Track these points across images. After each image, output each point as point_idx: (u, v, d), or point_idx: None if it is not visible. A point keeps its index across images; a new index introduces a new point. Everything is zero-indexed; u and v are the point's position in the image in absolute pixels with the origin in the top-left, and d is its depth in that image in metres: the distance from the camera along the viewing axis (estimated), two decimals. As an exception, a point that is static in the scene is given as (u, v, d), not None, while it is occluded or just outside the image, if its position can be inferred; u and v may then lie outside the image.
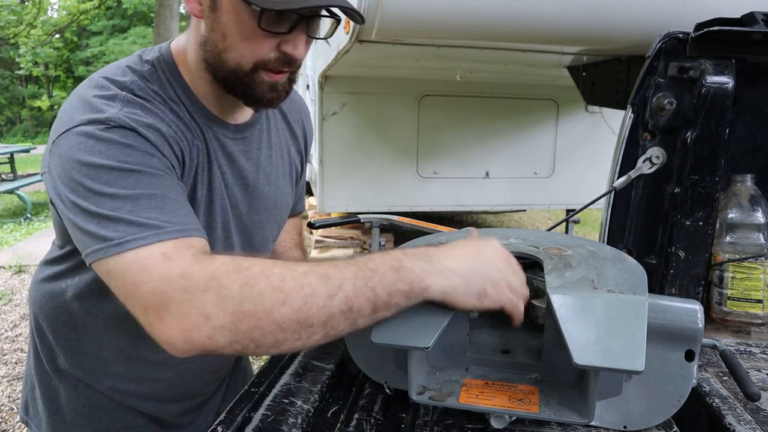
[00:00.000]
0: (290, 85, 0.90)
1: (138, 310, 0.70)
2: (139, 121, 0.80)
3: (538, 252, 0.87)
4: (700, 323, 0.73)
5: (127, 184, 0.75)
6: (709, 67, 1.10)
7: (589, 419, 0.69)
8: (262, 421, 0.75)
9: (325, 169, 3.54)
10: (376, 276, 0.68)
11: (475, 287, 0.72)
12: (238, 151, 0.98)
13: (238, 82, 0.85)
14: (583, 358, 0.63)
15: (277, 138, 1.09)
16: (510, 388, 0.76)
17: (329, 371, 0.90)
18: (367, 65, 2.95)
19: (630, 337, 0.65)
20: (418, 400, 0.75)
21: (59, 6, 19.76)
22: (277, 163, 1.08)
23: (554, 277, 0.77)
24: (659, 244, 1.18)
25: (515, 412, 0.72)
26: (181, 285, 0.67)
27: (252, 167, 1.01)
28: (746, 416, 0.79)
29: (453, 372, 0.80)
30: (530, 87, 3.63)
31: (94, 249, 0.73)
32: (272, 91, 0.86)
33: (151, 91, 0.86)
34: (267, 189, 1.05)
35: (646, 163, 1.16)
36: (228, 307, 0.65)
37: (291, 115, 1.15)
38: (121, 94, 0.82)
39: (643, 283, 0.75)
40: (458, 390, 0.76)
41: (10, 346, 3.61)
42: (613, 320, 0.68)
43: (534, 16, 1.64)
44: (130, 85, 0.84)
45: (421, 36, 1.84)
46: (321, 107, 3.43)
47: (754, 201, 1.15)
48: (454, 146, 3.73)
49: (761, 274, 1.12)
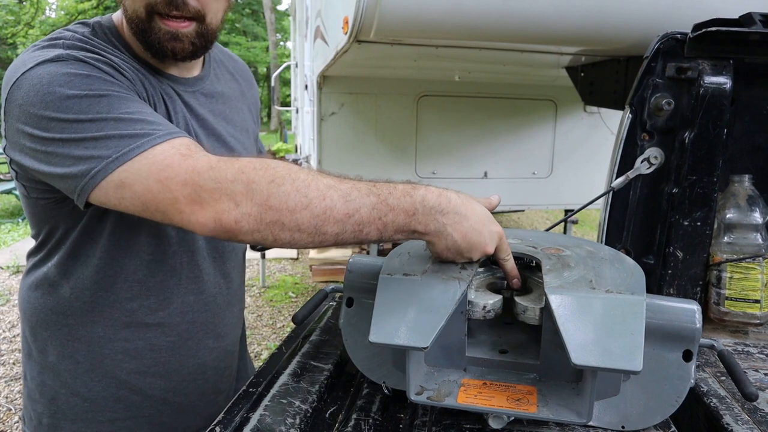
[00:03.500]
0: (201, 40, 0.91)
1: (165, 204, 0.73)
2: (88, 56, 0.82)
3: (536, 252, 0.87)
4: (698, 323, 0.73)
5: (101, 108, 0.76)
6: (707, 67, 1.10)
7: (587, 419, 0.69)
8: (260, 421, 0.75)
9: (324, 169, 3.53)
10: (390, 214, 0.74)
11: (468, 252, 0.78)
12: (195, 102, 1.00)
13: (140, 32, 0.88)
14: (581, 358, 0.64)
15: (229, 96, 1.11)
16: (508, 389, 0.76)
17: (327, 371, 0.90)
18: (365, 66, 2.95)
19: (628, 337, 0.65)
20: (416, 401, 0.75)
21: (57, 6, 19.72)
22: (232, 119, 1.09)
23: (552, 277, 0.76)
24: (657, 245, 1.18)
25: (513, 412, 0.72)
26: (211, 176, 0.72)
27: (211, 117, 1.02)
28: (744, 416, 0.79)
29: (451, 372, 0.80)
30: (529, 87, 3.64)
31: (92, 172, 0.74)
32: (174, 40, 0.88)
33: (94, 42, 0.88)
34: (229, 141, 1.06)
35: (644, 164, 1.16)
36: (256, 198, 0.70)
37: (239, 74, 1.18)
38: (60, 42, 0.85)
39: (641, 283, 0.75)
40: (456, 390, 0.76)
41: (8, 347, 3.61)
42: (611, 320, 0.68)
43: (532, 16, 1.64)
44: (69, 38, 0.87)
45: (420, 36, 1.84)
46: (319, 107, 3.43)
47: (752, 201, 1.15)
48: (452, 146, 3.73)
49: (759, 274, 1.12)
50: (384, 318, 0.73)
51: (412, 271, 0.79)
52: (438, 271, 0.79)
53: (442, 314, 0.71)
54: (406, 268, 0.80)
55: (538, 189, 3.96)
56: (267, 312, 4.30)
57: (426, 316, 0.71)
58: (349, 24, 1.72)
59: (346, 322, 0.87)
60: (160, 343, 1.03)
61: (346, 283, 0.87)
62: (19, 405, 2.95)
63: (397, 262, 0.83)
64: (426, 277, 0.78)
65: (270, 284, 4.94)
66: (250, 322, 4.09)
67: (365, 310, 0.83)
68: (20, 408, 2.93)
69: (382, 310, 0.74)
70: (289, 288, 4.80)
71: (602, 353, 0.64)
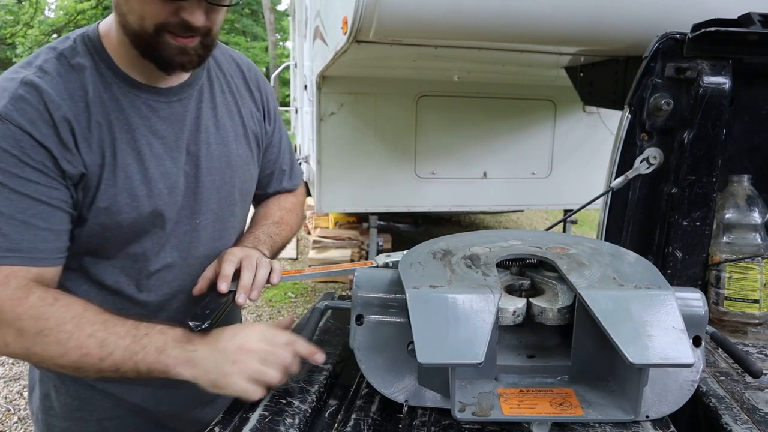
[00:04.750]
0: (205, 50, 0.91)
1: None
2: (28, 115, 0.83)
3: (543, 252, 0.86)
4: (704, 309, 0.76)
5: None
6: (706, 67, 1.10)
7: (635, 415, 0.70)
8: (259, 421, 0.75)
9: (323, 169, 3.53)
10: (141, 353, 0.82)
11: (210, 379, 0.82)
12: (176, 114, 0.98)
13: (145, 44, 0.87)
14: (638, 357, 0.64)
15: (224, 99, 1.08)
16: (546, 393, 0.75)
17: (327, 371, 0.90)
18: (364, 66, 2.95)
19: (672, 332, 0.66)
20: (461, 418, 0.72)
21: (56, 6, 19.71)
22: (224, 124, 1.06)
23: (577, 277, 0.76)
24: (656, 244, 1.18)
25: (563, 417, 0.71)
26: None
27: (193, 127, 1.01)
28: (743, 416, 0.79)
29: (483, 383, 0.77)
30: (528, 87, 3.64)
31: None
32: (182, 54, 0.88)
33: (62, 67, 0.89)
34: (215, 148, 1.04)
35: (643, 164, 1.16)
36: (23, 344, 0.83)
37: (242, 75, 1.14)
38: (20, 77, 0.86)
39: (659, 276, 0.76)
40: (497, 401, 0.74)
41: (6, 347, 3.60)
42: (650, 316, 0.68)
43: (531, 16, 1.64)
44: (36, 69, 0.88)
45: (419, 36, 1.84)
46: (319, 108, 3.43)
47: (751, 201, 1.15)
48: (451, 146, 3.73)
49: (758, 274, 1.12)
50: (427, 337, 0.68)
51: (436, 283, 0.76)
52: (463, 280, 0.77)
53: (487, 326, 0.69)
54: (428, 279, 0.77)
55: (537, 189, 3.96)
56: (266, 312, 4.30)
57: (471, 330, 0.68)
58: (349, 24, 1.72)
59: (359, 343, 0.82)
60: None
61: (356, 300, 0.82)
62: (19, 405, 2.96)
63: (415, 274, 0.80)
64: (454, 287, 0.75)
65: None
66: (250, 322, 4.08)
67: (380, 326, 0.81)
68: (19, 408, 2.94)
69: (422, 328, 0.69)
70: (288, 288, 4.79)
71: (655, 350, 0.64)
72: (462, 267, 0.82)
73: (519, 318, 0.76)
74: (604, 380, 0.76)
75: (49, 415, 1.06)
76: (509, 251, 0.88)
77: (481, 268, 0.81)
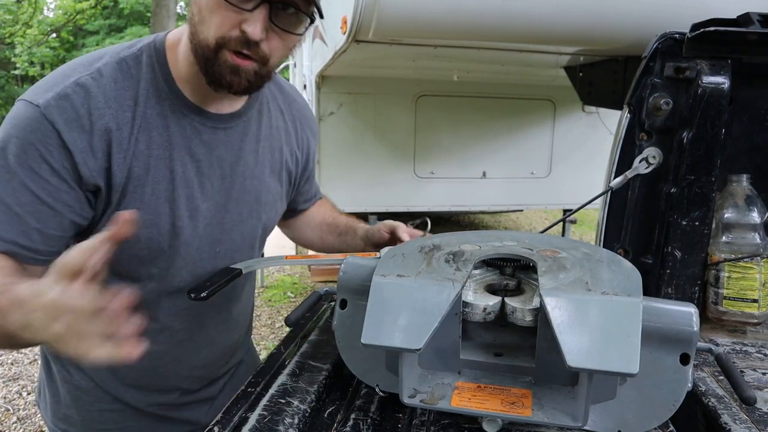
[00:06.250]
0: (257, 79, 0.90)
1: None
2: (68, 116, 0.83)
3: (532, 254, 0.86)
4: (696, 326, 0.72)
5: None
6: (706, 67, 1.10)
7: (582, 423, 0.68)
8: (258, 421, 0.75)
9: (323, 169, 3.54)
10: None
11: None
12: (218, 141, 0.98)
13: (204, 58, 0.87)
14: (577, 360, 0.63)
15: (269, 134, 1.09)
16: (503, 392, 0.75)
17: (326, 371, 0.90)
18: (364, 65, 2.95)
19: (625, 340, 0.64)
20: (409, 404, 0.74)
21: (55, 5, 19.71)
22: (263, 159, 1.07)
23: (548, 279, 0.76)
24: (656, 244, 1.18)
25: (507, 415, 0.71)
26: None
27: (232, 158, 1.01)
28: (742, 416, 0.79)
29: (445, 375, 0.79)
30: (527, 87, 3.64)
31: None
32: (233, 74, 0.87)
33: (120, 74, 0.89)
34: (249, 182, 1.04)
35: (642, 163, 1.16)
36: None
37: (291, 114, 1.15)
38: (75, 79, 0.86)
39: (638, 285, 0.74)
40: (450, 393, 0.75)
41: (6, 347, 3.60)
42: (607, 322, 0.67)
43: (531, 16, 1.65)
44: (102, 67, 0.88)
45: (419, 36, 1.84)
46: (318, 107, 3.43)
47: (750, 201, 1.16)
48: (451, 146, 3.73)
49: (757, 273, 1.12)
50: (377, 320, 0.72)
51: (406, 273, 0.78)
52: (433, 273, 0.78)
53: (436, 316, 0.70)
54: (401, 269, 0.79)
55: (536, 189, 3.96)
56: (266, 312, 4.30)
57: (419, 318, 0.70)
58: (348, 24, 1.72)
59: (339, 324, 0.86)
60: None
61: (340, 285, 0.86)
62: (18, 405, 2.96)
63: (391, 264, 0.82)
64: (420, 278, 0.77)
65: (268, 284, 4.94)
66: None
67: (359, 312, 0.82)
68: (18, 408, 2.94)
69: (375, 312, 0.73)
70: (288, 288, 4.80)
71: (598, 356, 0.63)
72: (440, 262, 0.82)
73: (491, 315, 0.76)
74: (568, 387, 0.75)
75: (54, 401, 1.08)
76: (496, 251, 0.88)
77: (458, 263, 0.81)
